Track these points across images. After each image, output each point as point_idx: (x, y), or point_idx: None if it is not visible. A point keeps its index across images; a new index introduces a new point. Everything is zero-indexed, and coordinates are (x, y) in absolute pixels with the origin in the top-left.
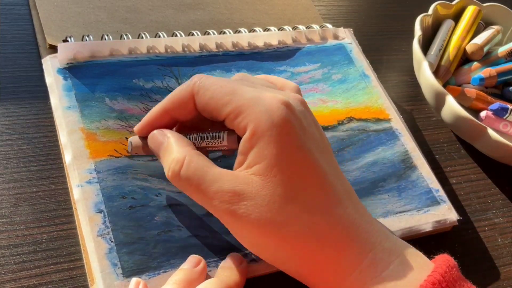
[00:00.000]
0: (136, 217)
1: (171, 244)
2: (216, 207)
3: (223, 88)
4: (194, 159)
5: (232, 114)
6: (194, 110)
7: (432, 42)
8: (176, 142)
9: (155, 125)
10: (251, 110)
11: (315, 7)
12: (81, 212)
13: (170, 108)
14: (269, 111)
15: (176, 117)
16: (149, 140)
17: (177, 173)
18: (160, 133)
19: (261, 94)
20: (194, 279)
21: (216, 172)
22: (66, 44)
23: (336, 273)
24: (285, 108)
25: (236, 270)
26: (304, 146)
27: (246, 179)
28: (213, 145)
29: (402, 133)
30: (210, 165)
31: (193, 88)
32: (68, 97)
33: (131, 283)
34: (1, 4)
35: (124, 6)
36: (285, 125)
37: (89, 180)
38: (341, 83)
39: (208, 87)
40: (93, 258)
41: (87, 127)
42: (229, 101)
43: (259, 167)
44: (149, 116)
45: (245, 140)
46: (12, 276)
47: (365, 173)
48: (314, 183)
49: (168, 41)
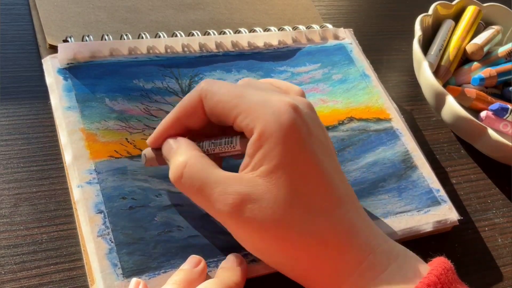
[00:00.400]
0: (136, 218)
1: (171, 245)
2: (219, 210)
3: (231, 92)
4: (198, 160)
5: (240, 116)
6: (203, 116)
7: (432, 42)
8: (183, 145)
9: (168, 135)
10: (258, 112)
11: (315, 7)
12: (81, 213)
13: (181, 115)
14: (277, 113)
15: (187, 125)
16: (164, 148)
17: (179, 175)
18: (173, 140)
19: (269, 97)
20: (194, 279)
21: (220, 174)
22: (66, 44)
23: (336, 274)
24: (293, 111)
25: (236, 270)
26: (310, 149)
27: (251, 181)
28: (226, 151)
29: (402, 133)
30: (214, 167)
31: (201, 93)
32: (68, 98)
33: (131, 284)
34: (1, 4)
35: (124, 6)
36: (292, 128)
37: (89, 181)
38: (341, 83)
39: (215, 91)
40: (93, 259)
41: (87, 127)
42: (237, 104)
43: (265, 168)
44: (161, 127)
45: (252, 141)
46: (12, 276)
47: (366, 173)
48: (318, 185)
49: (168, 41)
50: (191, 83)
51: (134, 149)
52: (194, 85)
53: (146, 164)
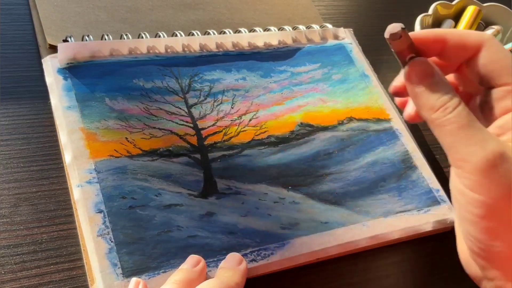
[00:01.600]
0: (136, 217)
1: (171, 244)
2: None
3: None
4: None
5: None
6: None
7: None
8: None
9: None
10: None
11: (315, 7)
12: (81, 212)
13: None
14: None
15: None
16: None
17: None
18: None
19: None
20: (193, 279)
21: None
22: (66, 44)
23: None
24: None
25: (236, 270)
26: None
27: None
28: None
29: (402, 133)
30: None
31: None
32: (68, 97)
33: (131, 283)
34: (1, 4)
35: (124, 6)
36: None
37: (89, 180)
38: (341, 83)
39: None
40: (93, 258)
41: (87, 127)
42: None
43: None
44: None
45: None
46: (12, 276)
47: (366, 172)
48: None
49: (168, 41)
50: (191, 82)
51: (134, 148)
52: (194, 85)
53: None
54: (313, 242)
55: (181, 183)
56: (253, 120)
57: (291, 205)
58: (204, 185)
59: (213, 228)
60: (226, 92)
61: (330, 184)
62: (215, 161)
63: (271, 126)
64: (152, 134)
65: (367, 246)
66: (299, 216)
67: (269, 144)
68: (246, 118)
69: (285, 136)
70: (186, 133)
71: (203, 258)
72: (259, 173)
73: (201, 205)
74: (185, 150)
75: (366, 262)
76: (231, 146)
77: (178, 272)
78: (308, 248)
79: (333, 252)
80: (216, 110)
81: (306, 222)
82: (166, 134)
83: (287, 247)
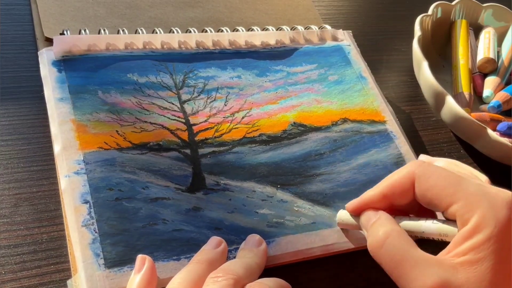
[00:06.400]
0: (122, 209)
1: (155, 237)
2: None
3: (447, 178)
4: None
5: (455, 205)
6: (412, 197)
7: None
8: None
9: (369, 207)
10: (477, 204)
11: (315, 8)
12: (67, 202)
13: (389, 193)
14: (495, 208)
15: (392, 202)
16: (363, 217)
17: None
18: (373, 213)
19: (487, 190)
20: (216, 258)
21: (420, 254)
22: (62, 37)
23: None
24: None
25: (257, 251)
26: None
27: (452, 268)
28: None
29: (397, 136)
30: (414, 245)
31: (415, 175)
32: (61, 89)
33: (137, 260)
34: (1, 4)
35: (124, 2)
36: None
37: (77, 171)
38: (337, 84)
39: (430, 175)
40: (76, 248)
41: (78, 118)
42: (454, 193)
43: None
44: (365, 199)
45: (465, 231)
46: (13, 276)
47: (356, 174)
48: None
49: (164, 37)
50: (186, 78)
51: (124, 141)
52: (188, 81)
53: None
54: (299, 241)
55: (169, 177)
56: (246, 118)
57: (279, 204)
58: (192, 180)
59: (199, 223)
60: (220, 89)
61: (319, 185)
62: (205, 157)
63: (263, 125)
64: (143, 128)
65: (354, 248)
66: (286, 215)
67: (261, 142)
68: (239, 115)
69: (277, 135)
70: (177, 128)
71: (187, 252)
72: (248, 171)
73: (188, 199)
74: (175, 144)
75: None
76: (222, 142)
77: (200, 252)
78: (293, 247)
79: (319, 252)
80: (209, 106)
81: (293, 222)
82: (157, 129)
83: (273, 245)
